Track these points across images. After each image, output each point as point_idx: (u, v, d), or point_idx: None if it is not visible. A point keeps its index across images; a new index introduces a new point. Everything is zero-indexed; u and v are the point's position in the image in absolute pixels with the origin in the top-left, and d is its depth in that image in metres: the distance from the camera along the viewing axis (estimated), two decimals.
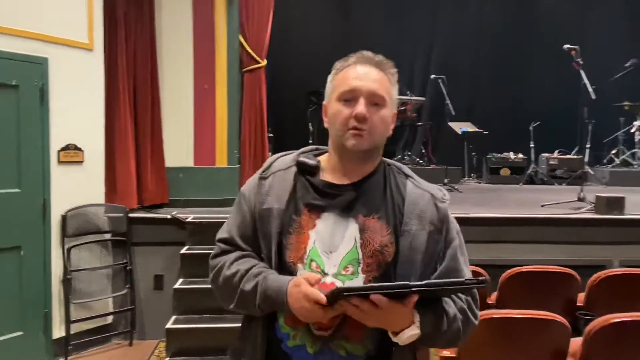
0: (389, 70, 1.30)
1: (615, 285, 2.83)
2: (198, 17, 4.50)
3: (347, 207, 1.25)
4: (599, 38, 8.93)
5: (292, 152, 1.36)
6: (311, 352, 1.21)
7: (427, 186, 1.32)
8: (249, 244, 1.29)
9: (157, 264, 4.02)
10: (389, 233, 1.23)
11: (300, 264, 1.22)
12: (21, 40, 3.35)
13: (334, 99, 1.27)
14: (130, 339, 3.91)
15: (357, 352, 1.21)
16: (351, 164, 1.28)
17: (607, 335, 2.11)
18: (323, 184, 1.28)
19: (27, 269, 3.45)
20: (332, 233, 1.24)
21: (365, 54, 1.30)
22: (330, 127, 1.29)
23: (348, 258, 1.22)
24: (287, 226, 1.24)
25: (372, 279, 1.21)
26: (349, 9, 8.38)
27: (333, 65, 1.33)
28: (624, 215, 4.22)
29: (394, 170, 1.34)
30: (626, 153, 7.99)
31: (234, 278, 1.25)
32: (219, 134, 4.63)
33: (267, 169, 1.33)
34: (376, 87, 1.25)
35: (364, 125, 1.22)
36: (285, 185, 1.28)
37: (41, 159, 3.49)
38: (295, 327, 1.22)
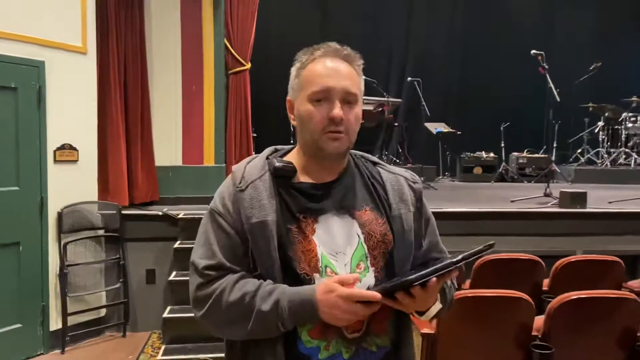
0: (356, 63, 1.24)
1: (576, 270, 3.10)
2: (186, 22, 4.65)
3: (339, 206, 1.22)
4: (566, 42, 9.39)
5: (256, 157, 1.28)
6: (347, 357, 1.17)
7: (397, 170, 1.34)
8: (240, 264, 1.18)
9: (149, 259, 4.17)
10: (384, 221, 1.24)
11: (316, 274, 1.16)
12: (19, 44, 3.48)
13: (304, 98, 1.20)
14: (124, 331, 4.05)
15: (385, 343, 1.22)
16: (327, 163, 1.24)
17: (566, 310, 2.38)
18: (307, 186, 1.23)
19: (25, 263, 3.58)
20: (333, 234, 1.20)
21: (332, 45, 1.24)
22: (302, 127, 1.22)
23: (357, 255, 1.19)
24: (285, 237, 1.16)
25: (380, 269, 1.20)
26: (327, 13, 8.61)
27: (296, 57, 1.25)
28: (586, 209, 4.57)
29: (361, 160, 1.33)
30: (590, 152, 8.43)
31: (244, 302, 1.13)
32: (207, 134, 4.79)
33: (242, 179, 1.21)
34: (349, 85, 1.19)
35: (341, 128, 1.18)
36: (266, 194, 1.18)
37: (38, 158, 3.62)
38: (326, 338, 1.16)
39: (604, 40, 9.28)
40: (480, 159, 8.02)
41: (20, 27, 3.49)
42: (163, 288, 4.14)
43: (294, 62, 1.26)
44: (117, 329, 4.09)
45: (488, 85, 8.82)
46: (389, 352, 1.22)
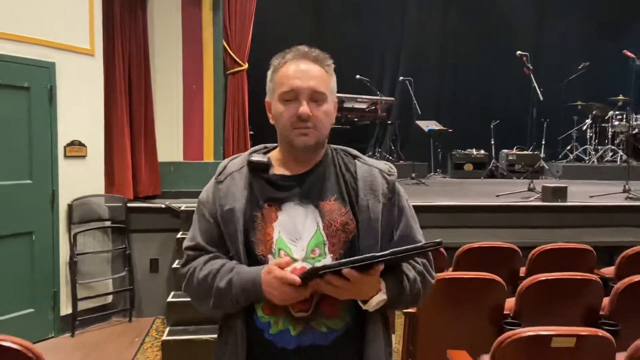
0: (325, 63, 1.33)
1: (551, 258, 3.32)
2: (186, 24, 4.88)
3: (304, 195, 1.31)
4: (556, 42, 9.64)
5: (242, 154, 1.42)
6: (294, 333, 1.26)
7: (374, 162, 1.39)
8: (216, 246, 1.34)
9: (153, 249, 4.41)
10: (347, 211, 1.30)
11: (270, 255, 1.27)
12: (32, 46, 3.70)
13: (276, 98, 1.31)
14: (129, 316, 4.29)
15: (337, 326, 1.28)
16: (300, 156, 1.34)
17: (536, 290, 2.62)
18: (277, 177, 1.34)
19: (38, 252, 3.81)
20: (294, 222, 1.29)
21: (301, 49, 1.33)
22: (277, 125, 1.34)
23: (314, 242, 1.28)
24: (250, 223, 1.29)
25: (339, 256, 1.27)
26: (322, 16, 8.84)
27: (271, 62, 1.36)
28: (566, 203, 4.82)
29: (340, 153, 1.41)
30: (579, 149, 8.68)
31: (208, 278, 1.28)
32: (206, 131, 5.03)
33: (221, 173, 1.37)
34: (315, 85, 1.28)
35: (308, 124, 1.27)
36: (241, 185, 1.32)
37: (50, 154, 3.84)
38: (275, 315, 1.27)
39: (593, 40, 9.54)
40: (471, 156, 8.23)
41: (32, 30, 3.71)
42: (166, 276, 4.39)
43: (269, 66, 1.36)
44: (123, 315, 4.33)
45: (479, 84, 9.07)
46: (342, 335, 1.28)
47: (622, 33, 9.58)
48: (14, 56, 3.60)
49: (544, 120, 8.18)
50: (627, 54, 5.81)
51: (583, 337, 1.85)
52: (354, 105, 7.46)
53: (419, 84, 7.90)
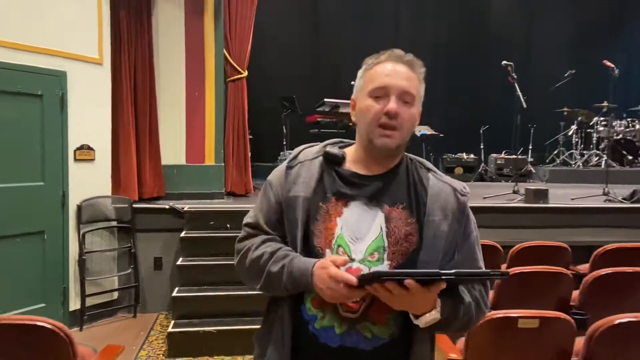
0: (418, 70, 1.32)
1: (529, 254, 3.58)
2: (189, 34, 5.11)
3: (373, 197, 1.28)
4: (543, 51, 9.97)
5: (318, 144, 1.41)
6: (338, 332, 1.24)
7: (448, 179, 1.36)
8: (274, 229, 1.33)
9: (157, 248, 4.64)
10: (413, 222, 1.27)
11: (328, 249, 1.25)
12: (45, 56, 3.93)
13: (365, 94, 1.29)
14: (134, 312, 4.51)
15: (382, 334, 1.25)
16: (377, 158, 1.31)
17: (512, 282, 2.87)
18: (350, 174, 1.32)
19: (49, 250, 4.03)
20: (358, 221, 1.26)
21: (397, 52, 1.33)
22: (360, 121, 1.31)
23: (374, 245, 1.25)
24: (314, 213, 1.27)
25: (397, 265, 1.25)
26: (318, 24, 9.12)
27: (364, 61, 1.36)
28: (548, 204, 5.09)
29: (416, 164, 1.37)
30: (565, 154, 8.97)
31: (261, 260, 1.28)
32: (208, 136, 5.25)
33: (294, 159, 1.37)
34: (407, 85, 1.27)
35: (395, 122, 1.25)
36: (312, 173, 1.31)
37: (61, 157, 4.07)
38: (322, 309, 1.25)
39: (578, 49, 9.86)
40: (461, 160, 8.51)
41: (45, 41, 3.94)
42: (169, 274, 4.62)
43: (362, 66, 1.37)
44: (128, 310, 4.55)
45: (469, 91, 9.36)
46: (386, 344, 1.25)
47: (605, 42, 9.92)
48: (28, 66, 3.83)
49: (530, 126, 8.47)
50: (606, 64, 6.10)
51: (546, 320, 2.10)
52: (349, 110, 7.71)
53: None
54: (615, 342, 2.11)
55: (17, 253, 3.82)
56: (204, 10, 5.12)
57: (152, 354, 3.72)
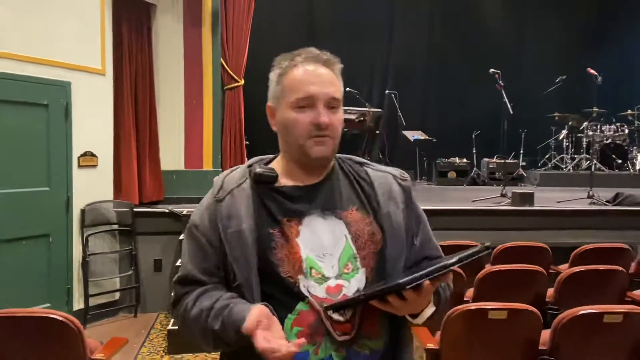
0: (336, 67, 1.25)
1: (511, 255, 3.76)
2: (188, 46, 5.33)
3: (325, 207, 1.21)
4: (535, 57, 10.18)
5: (238, 167, 1.29)
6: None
7: (385, 168, 1.32)
8: (213, 275, 1.20)
9: (156, 250, 4.83)
10: (371, 220, 1.22)
11: (300, 276, 1.15)
12: (50, 68, 4.14)
13: (287, 105, 1.20)
14: (135, 312, 4.71)
15: (378, 346, 1.19)
16: (311, 167, 1.24)
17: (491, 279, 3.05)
18: (290, 189, 1.22)
19: (54, 252, 4.21)
20: (319, 236, 1.18)
21: (312, 51, 1.25)
22: (286, 134, 1.22)
23: (345, 256, 1.18)
24: (266, 242, 1.16)
25: (371, 269, 1.19)
26: (314, 32, 9.33)
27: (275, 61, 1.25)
28: (533, 207, 5.28)
29: (347, 162, 1.32)
30: (556, 158, 9.16)
31: (200, 319, 1.14)
32: (206, 142, 5.46)
33: (220, 190, 1.23)
34: (332, 91, 1.20)
35: (327, 132, 1.19)
36: (246, 201, 1.19)
37: (65, 163, 4.27)
38: (313, 341, 1.13)
39: (569, 55, 10.07)
40: (454, 164, 8.63)
41: (51, 53, 4.15)
42: (168, 275, 4.81)
43: (272, 67, 1.25)
44: (129, 310, 4.74)
45: (462, 96, 9.54)
46: (383, 355, 1.20)
47: (595, 48, 10.14)
48: (35, 77, 4.03)
49: (521, 131, 8.67)
50: (590, 72, 6.30)
51: (514, 311, 2.30)
52: (344, 117, 7.88)
53: (406, 96, 8.38)
54: (578, 332, 2.30)
55: (24, 255, 4.01)
56: (201, 22, 5.34)
57: (153, 350, 3.91)
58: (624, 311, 2.30)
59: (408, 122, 7.94)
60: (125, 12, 4.90)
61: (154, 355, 3.83)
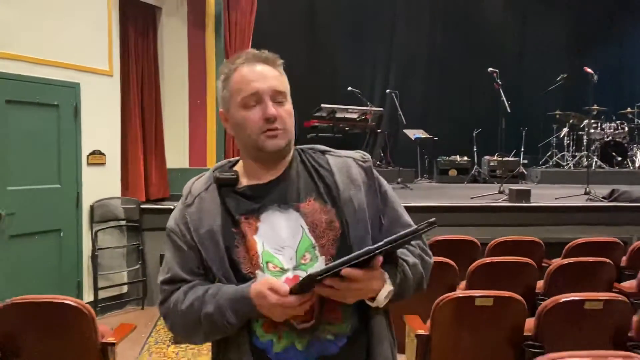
0: (278, 64, 1.28)
1: (505, 248, 3.87)
2: (192, 47, 5.50)
3: (281, 200, 1.24)
4: (536, 56, 10.27)
5: (205, 174, 1.34)
6: (300, 348, 1.18)
7: (345, 153, 1.34)
8: (197, 274, 1.24)
9: (162, 245, 4.99)
10: (329, 208, 1.24)
11: (258, 271, 1.19)
12: (60, 70, 4.30)
13: (236, 105, 1.23)
14: (142, 304, 4.88)
15: (343, 331, 1.20)
16: (269, 163, 1.27)
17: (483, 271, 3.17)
18: (248, 188, 1.27)
19: (65, 247, 4.38)
20: (276, 230, 1.22)
21: (250, 51, 1.28)
22: (240, 134, 1.26)
23: (302, 247, 1.21)
24: (230, 242, 1.21)
25: (331, 257, 1.20)
26: (317, 32, 9.45)
27: (220, 70, 1.30)
28: (529, 204, 5.40)
29: (308, 152, 1.34)
30: (557, 155, 9.26)
31: (193, 307, 1.19)
32: (209, 141, 5.63)
33: (189, 195, 1.29)
34: (277, 84, 1.24)
35: (277, 124, 1.21)
36: (213, 203, 1.24)
37: (75, 161, 4.43)
38: (276, 330, 1.18)
39: (571, 54, 10.16)
40: (455, 162, 8.73)
41: (60, 55, 4.30)
42: None
43: (218, 77, 1.30)
44: (136, 303, 4.91)
45: (463, 94, 9.66)
46: (349, 339, 1.21)
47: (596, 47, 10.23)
48: (46, 78, 4.19)
49: (522, 129, 8.77)
50: (586, 70, 6.40)
51: (499, 299, 2.43)
52: (345, 115, 8.03)
53: (407, 95, 8.49)
54: (561, 318, 2.43)
55: (37, 249, 4.17)
56: (205, 24, 5.51)
57: (160, 340, 4.07)
58: (604, 298, 2.43)
59: (410, 121, 8.04)
60: (131, 15, 5.06)
61: (160, 345, 3.99)
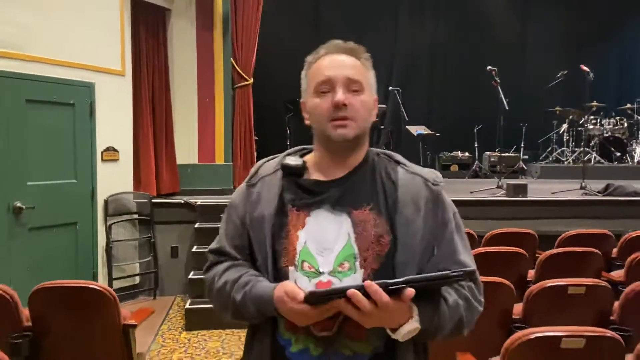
0: (361, 56, 1.26)
1: (500, 240, 4.05)
2: (200, 47, 5.68)
3: (336, 203, 1.20)
4: (537, 53, 10.43)
5: (279, 156, 1.32)
6: (315, 354, 1.16)
7: (418, 170, 1.27)
8: (242, 253, 1.27)
9: (173, 238, 5.21)
10: (383, 223, 1.19)
11: (292, 267, 1.18)
12: (76, 70, 4.50)
13: (311, 93, 1.23)
14: (154, 295, 5.09)
15: (363, 350, 1.16)
16: (338, 156, 1.24)
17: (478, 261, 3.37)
18: (309, 182, 1.25)
19: (81, 239, 4.60)
20: (323, 231, 1.19)
21: (335, 42, 1.27)
22: (312, 122, 1.25)
23: (343, 254, 1.17)
24: (278, 231, 1.20)
25: (372, 272, 1.15)
26: (320, 30, 9.64)
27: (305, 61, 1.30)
28: (525, 198, 5.58)
29: (383, 158, 1.29)
30: (557, 151, 9.41)
31: (225, 289, 1.22)
32: (218, 138, 5.82)
33: (254, 176, 1.29)
34: (351, 73, 1.21)
35: (346, 113, 1.18)
36: (273, 190, 1.24)
37: (90, 158, 4.64)
38: (295, 333, 1.17)
39: (571, 51, 10.30)
40: (457, 158, 8.92)
41: (76, 56, 4.51)
42: (184, 261, 5.19)
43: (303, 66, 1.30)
44: (148, 294, 5.13)
45: (464, 91, 9.82)
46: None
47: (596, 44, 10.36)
48: (62, 78, 4.40)
49: (522, 125, 8.94)
50: (582, 68, 6.56)
51: (488, 284, 2.61)
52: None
53: (410, 92, 8.68)
54: (546, 302, 2.62)
55: (54, 241, 4.38)
56: (213, 25, 5.70)
57: (172, 327, 4.29)
58: (587, 284, 2.62)
59: (412, 118, 8.23)
60: (142, 17, 5.27)
61: (173, 332, 4.21)
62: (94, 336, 2.52)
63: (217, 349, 3.91)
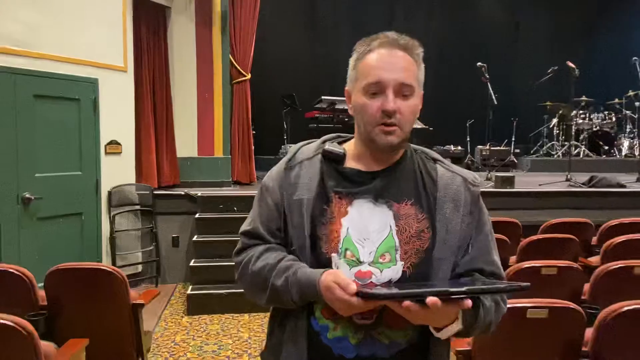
0: (415, 52, 1.21)
1: None
2: (199, 43, 5.87)
3: (379, 194, 1.20)
4: (528, 49, 10.64)
5: (315, 140, 1.31)
6: (353, 342, 1.17)
7: (457, 169, 1.28)
8: (275, 237, 1.25)
9: (174, 228, 5.42)
10: (424, 218, 1.19)
11: (334, 254, 1.17)
12: (80, 66, 4.69)
13: (359, 89, 1.19)
14: (156, 283, 5.30)
15: (399, 338, 1.18)
16: (380, 154, 1.23)
17: None
18: (352, 171, 1.23)
19: (86, 229, 4.80)
20: (365, 220, 1.18)
21: (389, 35, 1.21)
22: (357, 118, 1.22)
23: (385, 246, 1.17)
24: (318, 216, 1.19)
25: (411, 265, 1.17)
26: (316, 26, 9.84)
27: (355, 47, 1.24)
28: (512, 189, 5.81)
29: (421, 155, 1.29)
30: (547, 145, 9.63)
31: (264, 272, 1.20)
32: (216, 132, 6.02)
33: (292, 159, 1.27)
34: (403, 77, 1.16)
35: (394, 120, 1.15)
36: (313, 174, 1.22)
37: (94, 151, 4.83)
38: (335, 319, 1.17)
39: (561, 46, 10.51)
40: (449, 151, 9.10)
41: (81, 53, 4.69)
42: (185, 250, 5.40)
43: (352, 53, 1.24)
44: (150, 281, 5.34)
45: (455, 86, 10.03)
46: (404, 350, 1.18)
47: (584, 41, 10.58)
48: (68, 75, 4.59)
49: (513, 119, 9.16)
50: (569, 64, 6.76)
51: None
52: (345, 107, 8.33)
53: None
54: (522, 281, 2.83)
55: (61, 231, 4.59)
56: (212, 22, 5.89)
57: (174, 312, 4.51)
58: (559, 265, 2.84)
59: None
60: (143, 15, 5.45)
61: (175, 316, 4.43)
62: (105, 314, 2.74)
63: (217, 331, 4.13)
